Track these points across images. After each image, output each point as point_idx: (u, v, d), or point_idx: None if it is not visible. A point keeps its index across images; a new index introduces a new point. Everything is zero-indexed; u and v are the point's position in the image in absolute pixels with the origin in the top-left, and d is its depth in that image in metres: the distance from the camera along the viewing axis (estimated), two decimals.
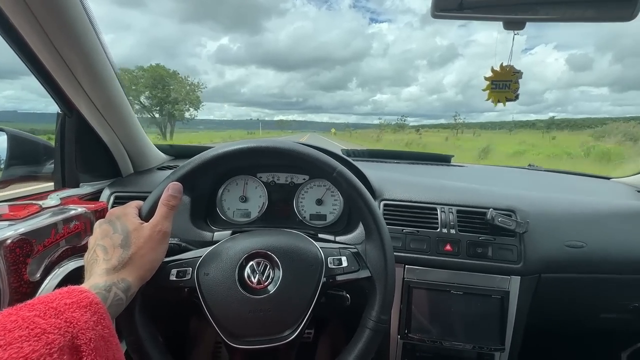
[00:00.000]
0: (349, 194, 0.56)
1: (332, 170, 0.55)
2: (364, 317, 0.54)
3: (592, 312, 0.87)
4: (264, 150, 0.56)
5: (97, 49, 0.66)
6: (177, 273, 0.54)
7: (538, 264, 0.77)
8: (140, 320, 0.51)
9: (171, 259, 0.56)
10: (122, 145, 0.88)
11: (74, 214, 0.66)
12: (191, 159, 0.57)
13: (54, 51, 0.59)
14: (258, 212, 0.94)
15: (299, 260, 0.54)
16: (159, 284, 0.53)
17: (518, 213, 0.80)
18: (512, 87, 0.68)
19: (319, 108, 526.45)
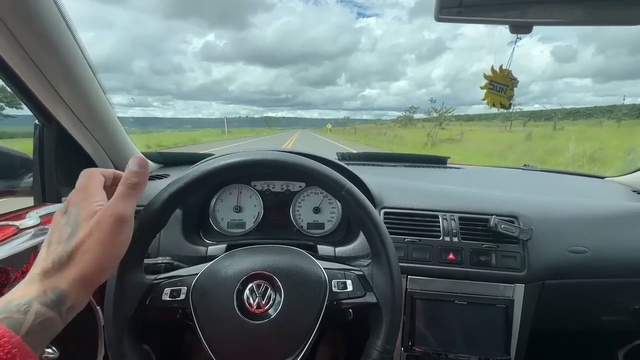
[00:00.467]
0: (357, 214, 0.53)
1: (341, 188, 0.52)
2: (368, 346, 0.52)
3: (594, 315, 0.86)
4: (269, 164, 0.53)
5: (75, 54, 0.61)
6: (170, 292, 0.50)
7: (542, 271, 0.76)
8: (130, 346, 0.48)
9: (164, 276, 0.53)
10: (106, 154, 0.83)
11: None
12: (189, 172, 0.53)
13: (28, 59, 0.54)
14: (253, 223, 0.90)
15: (302, 282, 0.51)
16: (151, 304, 0.49)
17: (521, 219, 0.78)
18: (507, 94, 0.66)
19: (309, 104, 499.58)
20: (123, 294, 0.48)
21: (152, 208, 0.51)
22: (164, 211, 0.52)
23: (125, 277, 0.48)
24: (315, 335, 0.50)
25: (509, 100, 0.65)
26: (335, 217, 0.91)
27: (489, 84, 0.66)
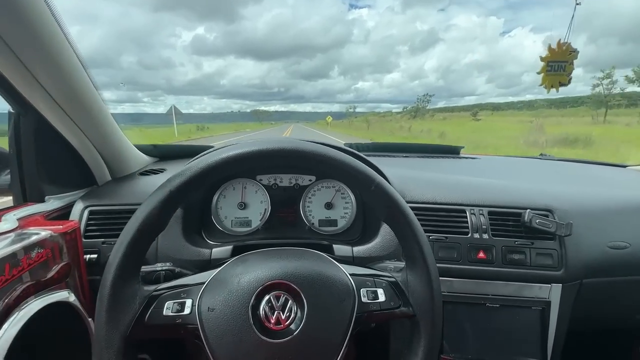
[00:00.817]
0: (390, 214, 0.45)
1: (371, 183, 0.44)
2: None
3: (629, 313, 0.81)
4: (286, 154, 0.44)
5: (50, 27, 0.51)
6: (173, 306, 0.43)
7: (580, 269, 0.69)
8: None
9: (165, 286, 0.45)
10: (94, 147, 0.74)
11: (36, 239, 0.53)
12: (191, 164, 0.45)
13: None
14: (260, 220, 0.82)
15: (327, 293, 0.44)
16: (150, 321, 0.42)
17: (556, 213, 0.71)
18: (567, 70, 0.58)
19: (302, 98, 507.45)
20: (117, 309, 0.40)
21: (150, 208, 0.43)
22: (164, 212, 0.44)
23: (120, 289, 0.41)
24: (344, 353, 0.43)
25: (569, 76, 0.58)
26: (349, 213, 0.84)
27: (546, 66, 0.58)
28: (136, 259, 0.43)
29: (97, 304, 0.41)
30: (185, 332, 0.42)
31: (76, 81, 0.60)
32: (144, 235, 0.43)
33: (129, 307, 0.41)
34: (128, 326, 0.41)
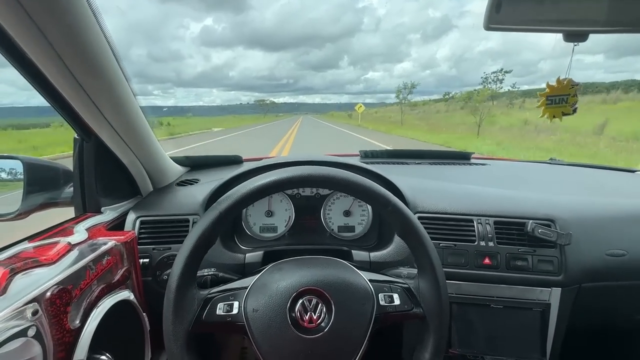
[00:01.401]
0: (404, 230, 0.53)
1: (387, 204, 0.53)
2: (416, 358, 0.53)
3: (627, 314, 0.87)
4: (315, 180, 0.53)
5: (115, 70, 0.61)
6: (224, 307, 0.52)
7: (579, 275, 0.76)
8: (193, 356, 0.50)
9: (216, 290, 0.55)
10: (141, 164, 0.84)
11: (105, 249, 0.63)
12: (236, 190, 0.54)
13: (71, 78, 0.54)
14: (285, 227, 0.92)
15: (351, 297, 0.52)
16: (207, 319, 0.51)
17: (557, 222, 0.78)
18: (570, 101, 0.64)
19: (311, 89, 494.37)
20: (181, 310, 0.50)
21: (204, 228, 0.52)
22: (214, 230, 0.53)
23: (182, 294, 0.50)
24: (365, 347, 0.51)
25: (573, 107, 0.64)
26: (366, 220, 0.92)
27: (545, 101, 0.64)
28: (193, 269, 0.53)
29: (164, 305, 0.50)
30: (234, 329, 0.52)
31: (130, 108, 0.70)
32: (199, 250, 0.52)
33: (190, 308, 0.51)
34: (190, 323, 0.50)
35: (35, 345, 0.45)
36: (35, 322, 0.45)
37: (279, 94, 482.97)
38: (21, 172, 0.72)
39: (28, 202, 0.72)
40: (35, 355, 0.46)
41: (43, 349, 0.46)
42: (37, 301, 0.46)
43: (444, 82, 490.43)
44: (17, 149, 12.04)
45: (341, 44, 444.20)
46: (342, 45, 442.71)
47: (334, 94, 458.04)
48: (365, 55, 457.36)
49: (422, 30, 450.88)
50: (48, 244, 0.61)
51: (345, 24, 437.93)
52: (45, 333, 0.47)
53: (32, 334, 0.44)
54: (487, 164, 1.26)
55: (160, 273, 0.77)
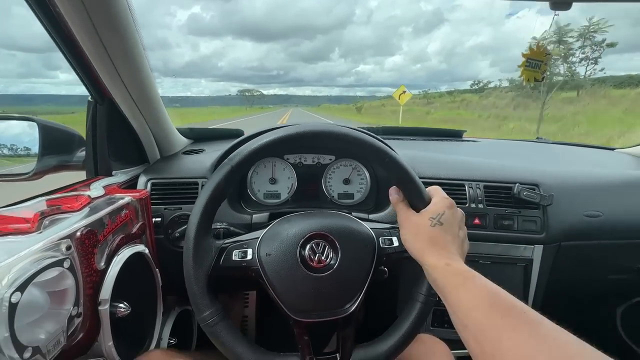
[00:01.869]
0: (400, 179, 0.58)
1: (385, 156, 0.58)
2: (414, 292, 0.58)
3: (602, 274, 0.95)
4: (318, 135, 0.57)
5: (134, 34, 0.64)
6: (239, 254, 0.56)
7: (559, 234, 0.83)
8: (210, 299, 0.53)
9: (230, 240, 0.59)
10: (150, 131, 0.87)
11: (123, 203, 0.67)
12: (245, 147, 0.57)
13: (97, 40, 0.57)
14: (288, 193, 0.96)
15: (354, 240, 0.57)
16: (224, 264, 0.56)
17: (541, 187, 0.84)
18: (542, 68, 0.70)
19: (301, 81, 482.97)
20: (200, 256, 0.54)
21: (218, 180, 0.56)
22: (227, 183, 0.56)
23: (200, 241, 0.54)
24: (369, 284, 0.56)
25: (542, 74, 0.70)
26: (364, 187, 0.97)
27: (525, 62, 0.70)
28: (209, 219, 0.56)
29: (184, 252, 0.54)
30: (249, 272, 0.56)
31: (144, 71, 0.73)
32: (213, 202, 0.56)
33: (208, 254, 0.55)
34: (209, 267, 0.54)
35: (69, 278, 0.50)
36: (69, 256, 0.50)
37: (268, 86, 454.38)
38: (36, 133, 0.75)
39: (43, 163, 0.75)
40: (69, 287, 0.50)
41: (76, 282, 0.51)
42: (69, 238, 0.51)
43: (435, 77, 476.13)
44: None
45: (332, 35, 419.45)
46: (333, 37, 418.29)
47: (324, 86, 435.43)
48: (357, 47, 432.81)
49: (414, 24, 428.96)
50: (69, 196, 0.64)
51: (337, 15, 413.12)
52: (77, 268, 0.51)
53: (67, 266, 0.49)
54: (479, 141, 1.32)
55: (172, 231, 0.81)
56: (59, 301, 0.49)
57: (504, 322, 0.37)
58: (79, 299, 0.52)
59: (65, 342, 0.49)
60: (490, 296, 0.41)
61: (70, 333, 0.50)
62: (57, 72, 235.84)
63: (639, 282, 0.99)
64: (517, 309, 0.38)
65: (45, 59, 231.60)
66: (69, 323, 0.49)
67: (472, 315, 0.40)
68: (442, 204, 0.56)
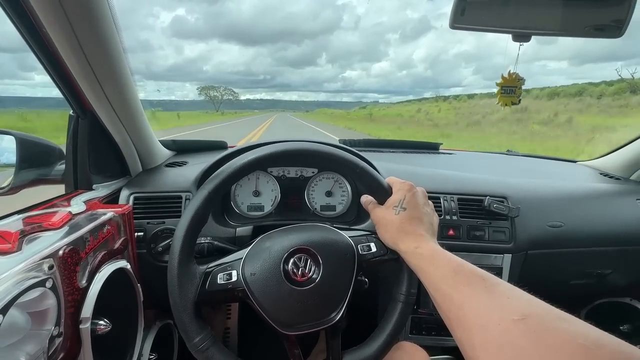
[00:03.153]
0: (371, 187, 0.63)
1: (356, 167, 0.62)
2: (395, 293, 0.61)
3: (565, 279, 1.02)
4: (294, 153, 0.60)
5: (117, 46, 0.64)
6: (223, 276, 0.57)
7: (526, 243, 0.89)
8: (198, 326, 0.54)
9: (214, 264, 0.59)
10: (133, 144, 0.87)
11: (105, 219, 0.67)
12: (222, 170, 0.59)
13: (81, 54, 0.57)
14: (271, 206, 0.98)
15: (335, 251, 0.60)
16: (210, 288, 0.56)
17: (509, 199, 0.91)
18: (517, 93, 0.77)
19: (288, 86, 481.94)
20: (184, 284, 0.55)
21: (196, 207, 0.57)
22: (206, 208, 0.58)
23: (184, 268, 0.55)
24: (351, 293, 0.59)
25: (518, 97, 0.77)
26: (346, 199, 1.01)
27: (501, 90, 0.77)
28: (190, 245, 0.57)
29: (168, 281, 0.55)
30: (236, 294, 0.56)
31: (127, 84, 0.73)
32: (194, 228, 0.57)
33: (193, 281, 0.56)
34: (195, 293, 0.55)
35: (51, 297, 0.49)
36: (51, 275, 0.49)
37: (255, 90, 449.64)
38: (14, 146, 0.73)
39: (20, 177, 0.74)
40: (50, 307, 0.50)
41: (57, 301, 0.50)
42: (52, 257, 0.50)
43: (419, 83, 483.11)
44: None
45: (320, 40, 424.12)
46: (320, 42, 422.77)
47: (311, 91, 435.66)
48: (344, 53, 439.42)
49: (401, 30, 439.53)
50: (49, 213, 0.64)
51: (324, 20, 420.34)
52: (59, 287, 0.51)
53: (49, 286, 0.49)
54: (453, 154, 1.39)
55: (155, 245, 0.81)
56: (40, 321, 0.48)
57: (466, 290, 0.42)
58: (60, 318, 0.51)
59: None
60: (454, 269, 0.46)
61: (50, 353, 0.49)
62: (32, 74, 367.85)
63: (599, 286, 1.07)
64: (477, 277, 0.43)
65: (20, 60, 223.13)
66: (49, 343, 0.49)
67: (441, 287, 0.45)
68: (401, 190, 0.60)
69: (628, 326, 1.16)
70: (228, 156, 0.89)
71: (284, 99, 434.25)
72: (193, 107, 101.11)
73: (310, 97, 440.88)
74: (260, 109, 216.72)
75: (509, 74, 0.75)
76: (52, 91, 0.72)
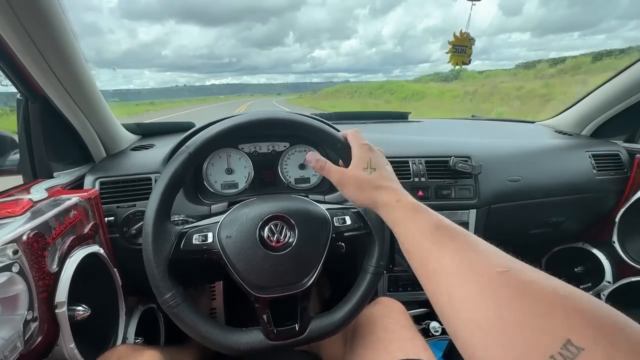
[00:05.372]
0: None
1: (337, 142, 0.63)
2: (365, 265, 0.65)
3: (525, 229, 1.11)
4: (278, 122, 0.61)
5: (64, 27, 0.60)
6: (199, 237, 0.58)
7: (489, 198, 0.96)
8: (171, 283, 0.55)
9: (190, 226, 0.60)
10: (92, 128, 0.83)
11: (70, 204, 0.65)
12: (203, 133, 0.59)
13: (23, 32, 0.53)
14: (245, 183, 0.98)
15: (310, 220, 0.62)
16: (184, 248, 0.57)
17: (473, 158, 0.96)
18: (467, 52, 0.79)
19: (255, 68, 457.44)
20: (159, 241, 0.55)
21: (175, 167, 0.57)
22: (185, 170, 0.58)
23: (159, 227, 0.56)
24: (324, 261, 0.61)
25: (469, 57, 0.79)
26: None
27: (452, 48, 0.78)
28: (168, 206, 0.58)
29: (143, 239, 0.55)
30: (210, 255, 0.58)
31: (78, 66, 0.69)
32: (172, 188, 0.57)
33: (168, 239, 0.56)
34: (169, 252, 0.56)
35: (20, 282, 0.48)
36: (16, 260, 0.48)
37: (220, 75, 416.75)
38: None
39: None
40: (20, 292, 0.49)
41: (28, 286, 0.49)
42: (15, 242, 0.49)
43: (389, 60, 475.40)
44: None
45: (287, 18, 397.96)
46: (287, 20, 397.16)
47: (279, 73, 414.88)
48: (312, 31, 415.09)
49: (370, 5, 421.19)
50: (8, 202, 0.61)
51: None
52: (27, 272, 0.50)
53: (16, 270, 0.47)
54: (422, 122, 1.43)
55: (127, 229, 0.79)
56: (12, 307, 0.47)
57: (449, 244, 0.42)
58: (33, 303, 0.51)
59: (23, 347, 0.48)
60: (437, 225, 0.46)
61: (27, 338, 0.49)
62: None
63: (556, 233, 1.17)
64: (460, 232, 0.43)
65: None
66: (24, 328, 0.48)
67: (420, 240, 0.45)
68: (365, 152, 0.59)
69: (581, 267, 1.29)
70: (197, 130, 0.87)
71: (252, 82, 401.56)
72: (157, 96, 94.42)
73: (279, 80, 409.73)
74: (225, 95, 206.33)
75: (460, 32, 0.77)
76: None
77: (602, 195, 1.13)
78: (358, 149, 0.60)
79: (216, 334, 0.55)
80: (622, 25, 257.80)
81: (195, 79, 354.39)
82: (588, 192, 1.09)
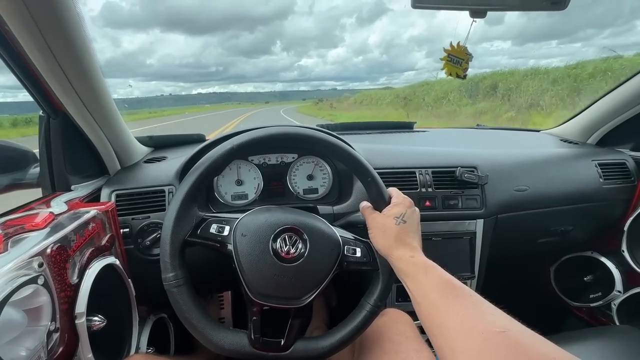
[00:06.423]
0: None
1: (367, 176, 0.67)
2: (363, 300, 0.64)
3: (533, 238, 1.11)
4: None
5: (86, 46, 0.63)
6: (217, 228, 0.60)
7: (495, 208, 0.96)
8: (180, 263, 0.57)
9: (211, 214, 0.63)
10: (109, 142, 0.86)
11: (89, 216, 0.67)
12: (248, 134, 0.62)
13: (49, 52, 0.56)
14: (255, 194, 1.00)
15: (323, 241, 0.62)
16: (201, 234, 0.59)
17: (479, 168, 0.97)
18: (463, 66, 0.80)
19: (242, 77, 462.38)
20: (180, 220, 0.58)
21: (216, 156, 0.60)
22: (225, 161, 0.61)
23: (185, 208, 0.58)
24: (329, 280, 0.62)
25: (464, 72, 0.80)
26: (327, 181, 1.04)
27: (447, 57, 0.80)
28: (199, 190, 0.60)
29: (166, 215, 0.58)
30: (222, 248, 0.59)
31: (100, 84, 0.72)
32: (208, 174, 0.61)
33: (189, 220, 0.59)
34: (186, 233, 0.58)
35: (44, 294, 0.50)
36: (42, 272, 0.50)
37: (207, 84, 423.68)
38: None
39: None
40: (44, 303, 0.50)
41: (51, 298, 0.51)
42: (40, 255, 0.51)
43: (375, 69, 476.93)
44: None
45: (274, 26, 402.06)
46: (274, 29, 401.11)
47: (267, 82, 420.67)
48: (299, 39, 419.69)
49: (357, 14, 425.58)
50: (30, 215, 0.63)
51: (277, 4, 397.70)
52: (51, 284, 0.52)
53: (41, 283, 0.49)
54: (427, 131, 1.45)
55: (142, 240, 0.81)
56: (36, 318, 0.49)
57: (455, 300, 0.46)
58: (55, 314, 0.53)
59: (46, 356, 0.49)
60: (445, 282, 0.50)
61: (49, 348, 0.51)
62: None
63: (564, 242, 1.17)
64: (466, 291, 0.48)
65: None
66: (47, 338, 0.50)
67: (430, 295, 0.49)
68: (403, 204, 0.64)
69: (591, 277, 1.28)
70: (215, 142, 0.90)
71: (239, 91, 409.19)
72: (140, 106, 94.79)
73: (267, 88, 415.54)
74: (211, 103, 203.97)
75: (457, 44, 0.78)
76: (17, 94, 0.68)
77: (609, 204, 1.13)
78: (400, 200, 0.65)
79: (204, 327, 0.55)
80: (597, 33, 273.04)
81: (181, 87, 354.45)
82: (595, 201, 1.10)
